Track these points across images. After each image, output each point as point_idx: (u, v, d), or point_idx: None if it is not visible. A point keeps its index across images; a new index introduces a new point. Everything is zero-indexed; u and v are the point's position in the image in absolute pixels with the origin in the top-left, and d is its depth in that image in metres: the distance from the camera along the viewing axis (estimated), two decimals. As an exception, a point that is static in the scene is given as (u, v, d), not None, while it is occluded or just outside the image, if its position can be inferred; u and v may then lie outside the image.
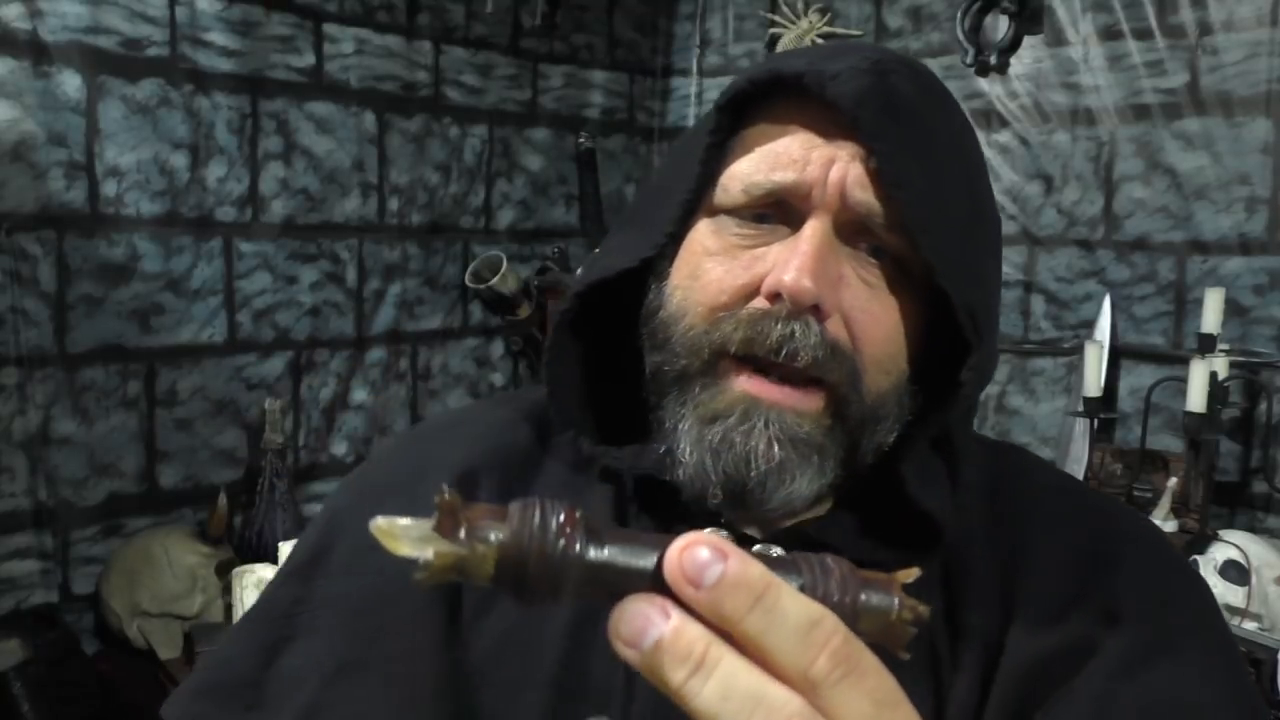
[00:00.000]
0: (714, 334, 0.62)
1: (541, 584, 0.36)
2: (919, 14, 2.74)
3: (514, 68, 2.91)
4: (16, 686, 1.88)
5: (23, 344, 2.07)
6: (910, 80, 0.64)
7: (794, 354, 0.60)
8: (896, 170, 0.60)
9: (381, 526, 0.37)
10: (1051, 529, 0.68)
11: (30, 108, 2.05)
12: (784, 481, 0.61)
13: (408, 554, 0.36)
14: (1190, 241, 2.33)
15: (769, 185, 0.62)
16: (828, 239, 0.61)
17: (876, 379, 0.62)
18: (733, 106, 0.65)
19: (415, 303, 2.76)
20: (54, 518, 2.15)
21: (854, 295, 0.62)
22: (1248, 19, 2.22)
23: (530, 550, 0.36)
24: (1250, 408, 2.25)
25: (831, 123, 0.62)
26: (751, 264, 0.63)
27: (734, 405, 0.62)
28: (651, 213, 0.68)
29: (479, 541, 0.36)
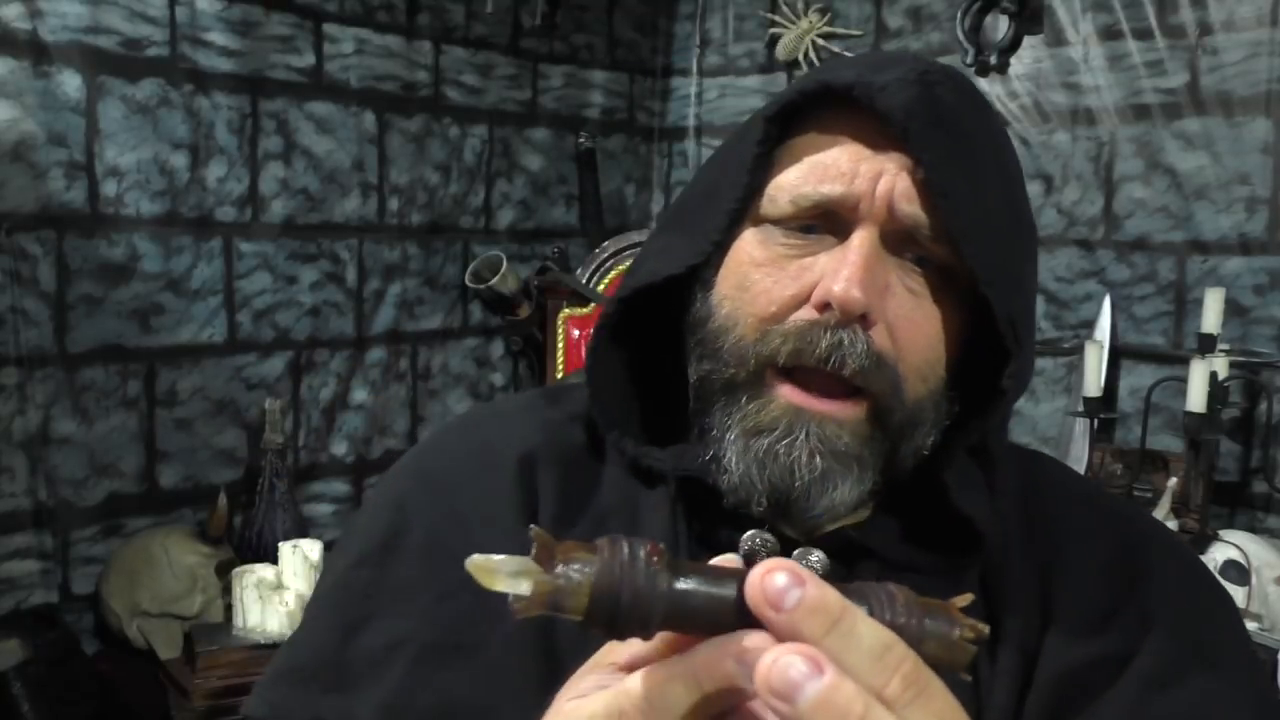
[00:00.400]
0: (763, 346, 0.64)
1: (633, 615, 0.38)
2: (919, 14, 2.74)
3: (514, 68, 2.91)
4: (16, 686, 1.88)
5: (23, 344, 2.07)
6: (954, 91, 0.65)
7: (841, 363, 0.61)
8: (943, 180, 0.61)
9: (478, 564, 0.38)
10: (1084, 539, 0.69)
11: (30, 108, 2.05)
12: (826, 490, 0.63)
13: (504, 589, 0.38)
14: (1190, 241, 2.33)
15: (817, 197, 0.63)
16: (875, 249, 0.62)
17: (915, 386, 0.64)
18: (781, 116, 0.66)
19: (415, 303, 2.76)
20: (54, 518, 2.15)
21: (899, 304, 0.63)
22: (1248, 19, 2.22)
23: (622, 583, 0.38)
24: (1250, 408, 2.25)
25: (878, 133, 0.63)
26: (800, 274, 0.64)
27: (779, 419, 0.63)
28: (697, 219, 0.68)
29: (574, 574, 0.38)
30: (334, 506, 2.62)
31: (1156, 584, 0.67)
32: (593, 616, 0.38)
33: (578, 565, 0.38)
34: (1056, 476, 0.76)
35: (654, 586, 0.38)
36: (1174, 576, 0.69)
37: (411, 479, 0.75)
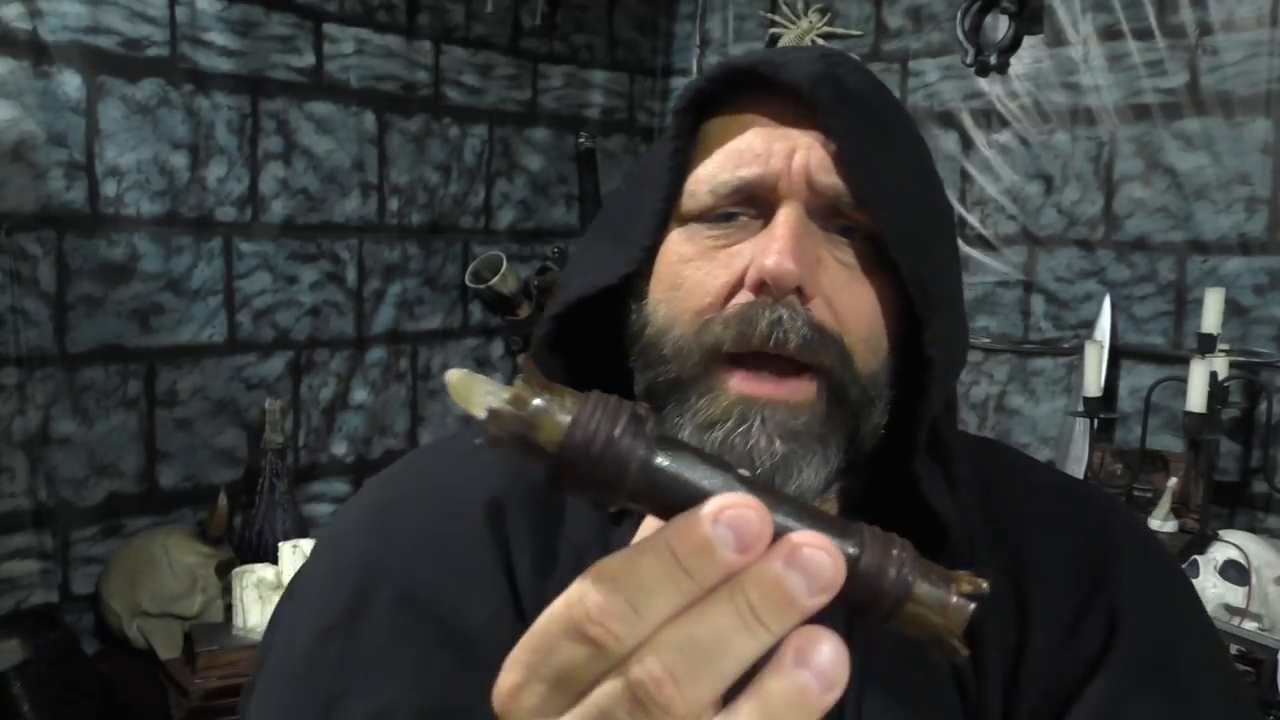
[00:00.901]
0: (704, 336, 0.62)
1: (601, 471, 0.35)
2: (919, 14, 2.74)
3: (514, 68, 2.91)
4: (16, 686, 1.88)
5: (23, 344, 2.07)
6: (856, 72, 0.66)
7: (784, 340, 0.60)
8: (854, 147, 0.62)
9: (459, 377, 0.36)
10: (1049, 531, 0.69)
11: (30, 108, 2.05)
12: (791, 475, 0.61)
13: (479, 405, 0.35)
14: (1190, 241, 2.33)
15: (735, 182, 0.63)
16: (802, 222, 0.61)
17: (866, 359, 0.63)
18: (692, 109, 0.66)
19: (415, 303, 2.76)
20: (54, 518, 2.15)
21: (833, 277, 0.62)
22: (1248, 19, 2.22)
23: (600, 430, 0.35)
24: (1250, 408, 2.25)
25: (788, 111, 0.63)
26: (730, 261, 0.63)
27: (730, 409, 0.62)
28: (625, 227, 0.67)
29: (554, 405, 0.35)
30: (334, 506, 2.62)
31: (1126, 574, 0.67)
32: (563, 455, 0.35)
33: (560, 400, 0.35)
34: (1011, 464, 0.75)
35: (632, 448, 0.35)
36: (1141, 564, 0.69)
37: (371, 535, 0.69)
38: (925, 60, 2.74)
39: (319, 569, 0.70)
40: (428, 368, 2.81)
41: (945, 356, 0.63)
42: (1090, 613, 0.65)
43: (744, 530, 0.33)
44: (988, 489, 0.70)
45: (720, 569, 0.33)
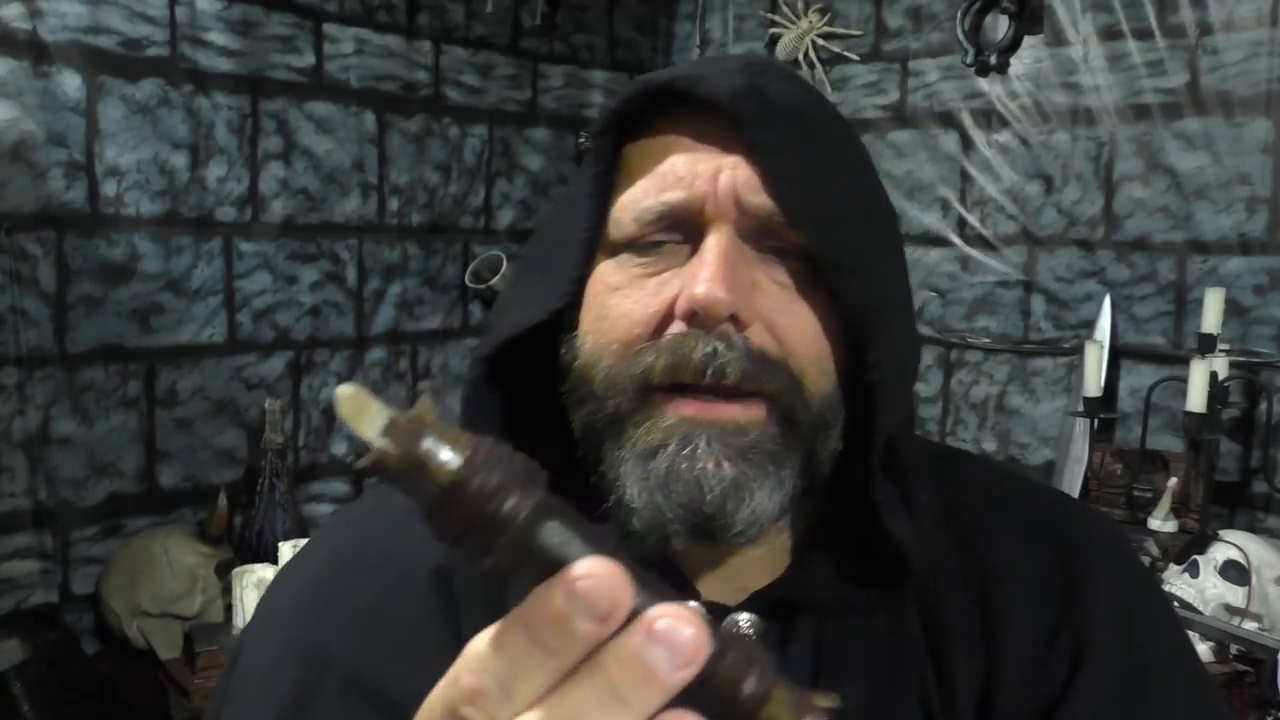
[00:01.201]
0: (635, 367, 0.58)
1: (483, 521, 0.34)
2: (919, 14, 2.74)
3: (514, 68, 2.91)
4: (16, 686, 1.88)
5: (23, 344, 2.07)
6: (783, 80, 0.62)
7: (721, 372, 0.56)
8: (782, 163, 0.58)
9: (349, 395, 0.34)
10: (1015, 551, 0.66)
11: (30, 108, 2.05)
12: (744, 499, 0.57)
13: (370, 431, 0.34)
14: (1190, 241, 2.33)
15: (659, 208, 0.59)
16: (733, 246, 0.58)
17: (818, 380, 0.59)
18: (611, 132, 0.62)
19: (415, 303, 2.76)
20: (54, 518, 2.15)
21: (771, 300, 0.59)
22: (1248, 19, 2.22)
23: (491, 478, 0.34)
24: (1250, 408, 2.25)
25: (711, 129, 0.59)
26: (659, 289, 0.59)
27: (671, 432, 0.58)
28: (552, 259, 0.64)
29: (439, 459, 0.34)
30: (334, 506, 2.62)
31: (1091, 598, 0.65)
32: (447, 497, 0.34)
33: (454, 439, 0.34)
34: (975, 479, 0.71)
35: (522, 502, 0.34)
36: (1107, 584, 0.66)
37: (311, 615, 0.64)
38: (925, 60, 2.74)
39: (263, 653, 0.65)
40: (428, 368, 2.81)
41: (892, 377, 0.60)
42: (1058, 641, 0.63)
43: (598, 600, 0.32)
44: (951, 509, 0.67)
45: (580, 642, 0.32)
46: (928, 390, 2.77)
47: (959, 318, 2.71)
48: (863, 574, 0.62)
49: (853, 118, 2.88)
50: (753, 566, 0.63)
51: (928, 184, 2.74)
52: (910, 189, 2.78)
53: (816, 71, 2.91)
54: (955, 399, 2.73)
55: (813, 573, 0.63)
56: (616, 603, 0.32)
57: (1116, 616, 0.65)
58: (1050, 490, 0.75)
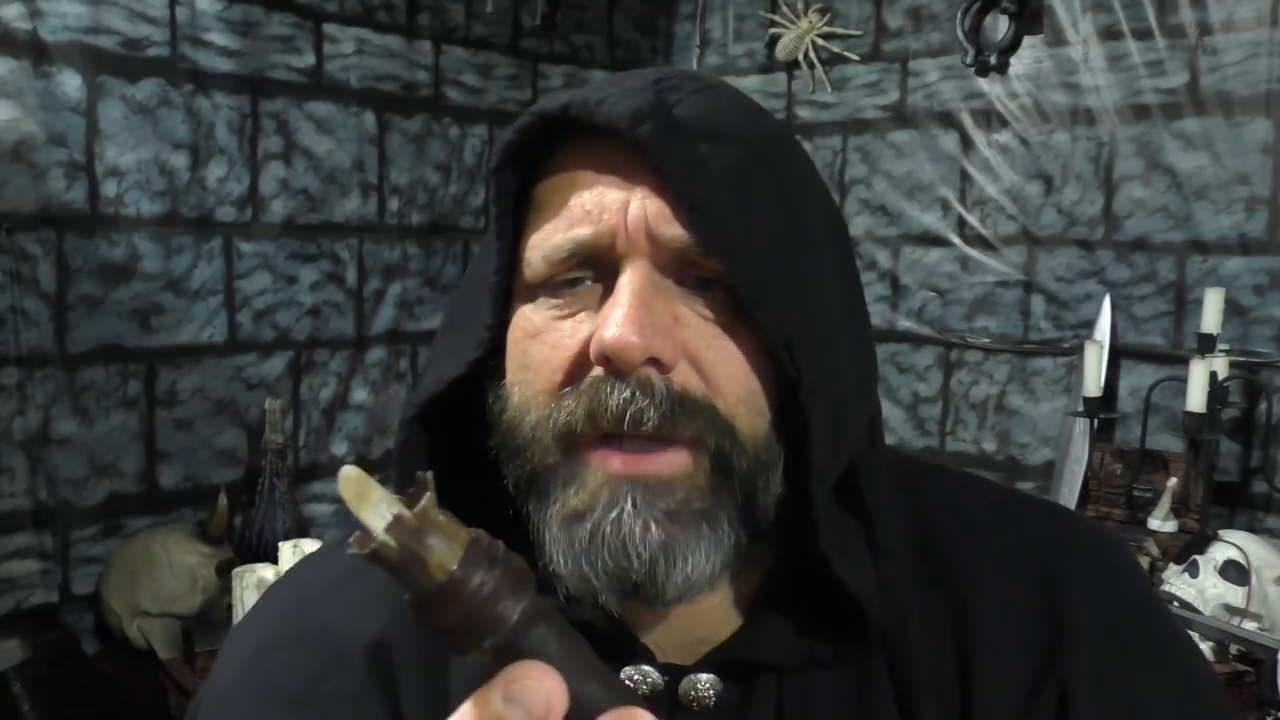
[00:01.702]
0: (557, 415, 0.55)
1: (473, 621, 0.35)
2: (919, 14, 2.75)
3: (514, 68, 2.91)
4: (16, 686, 1.88)
5: (23, 344, 2.07)
6: (697, 93, 0.57)
7: (638, 419, 0.53)
8: (689, 189, 0.53)
9: (354, 478, 0.35)
10: (995, 581, 0.62)
11: (30, 108, 2.05)
12: (675, 563, 0.53)
13: (373, 517, 0.35)
14: (1190, 241, 2.33)
15: (569, 246, 0.55)
16: (648, 282, 0.54)
17: (749, 421, 0.55)
18: (512, 166, 0.58)
19: (415, 303, 2.76)
20: (54, 518, 2.15)
21: (696, 334, 0.54)
22: (1248, 19, 2.22)
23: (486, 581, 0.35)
24: (1250, 408, 2.25)
25: (617, 155, 0.55)
26: (574, 330, 0.56)
27: (596, 494, 0.54)
28: (470, 307, 0.60)
29: (438, 556, 0.35)
30: (334, 506, 2.62)
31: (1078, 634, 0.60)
32: (442, 595, 0.35)
33: (453, 535, 0.35)
34: (952, 499, 0.66)
35: (513, 607, 0.35)
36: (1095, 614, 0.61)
37: (252, 696, 0.62)
38: (925, 60, 2.74)
39: None
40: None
41: (824, 412, 0.55)
42: (1042, 691, 0.60)
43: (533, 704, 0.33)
44: (923, 540, 0.63)
45: None
46: (927, 390, 2.77)
47: (959, 318, 2.71)
48: (824, 624, 0.59)
49: (852, 118, 2.88)
50: (708, 619, 0.60)
51: (928, 184, 2.74)
52: (910, 189, 2.78)
53: (816, 71, 2.91)
54: (955, 399, 2.73)
55: (770, 628, 0.60)
56: (551, 708, 0.33)
57: (1105, 660, 0.60)
58: (1035, 507, 0.68)
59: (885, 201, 2.81)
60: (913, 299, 2.78)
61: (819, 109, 2.95)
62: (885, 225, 2.81)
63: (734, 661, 0.60)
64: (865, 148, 2.86)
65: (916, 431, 2.78)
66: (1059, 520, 0.67)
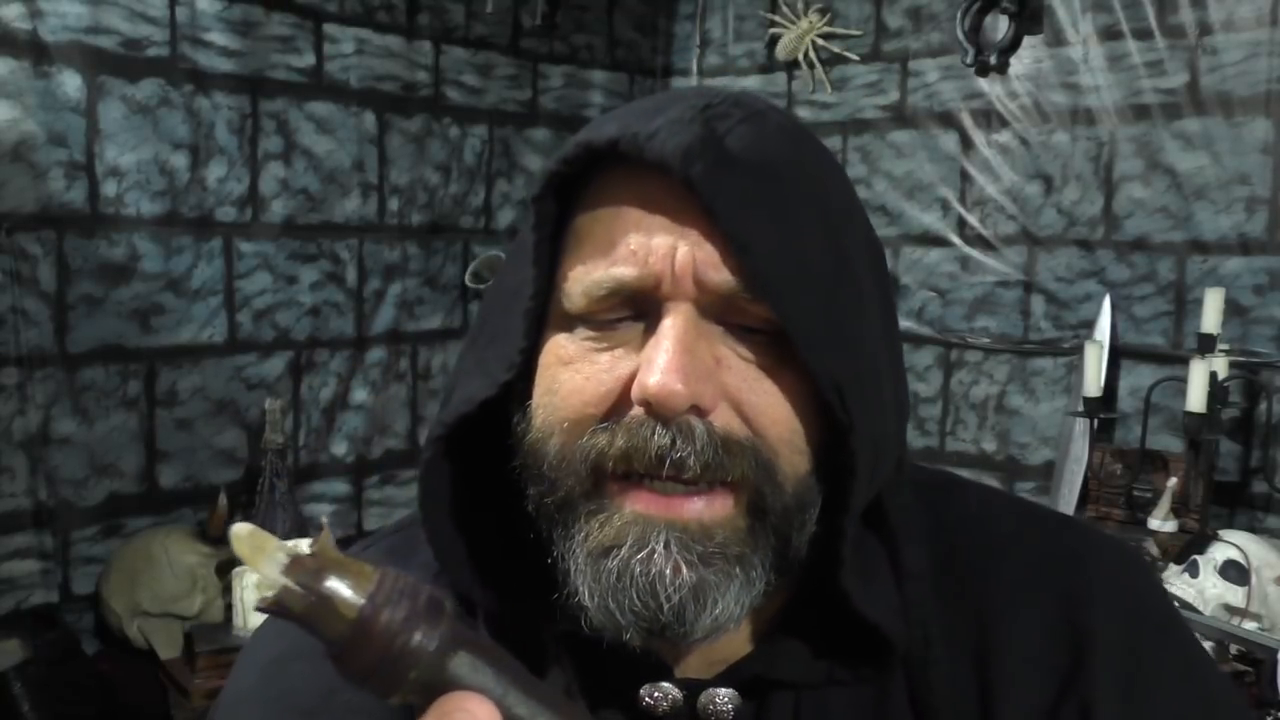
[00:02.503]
0: (587, 447, 0.54)
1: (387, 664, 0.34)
2: (919, 14, 2.75)
3: (514, 68, 2.91)
4: (16, 686, 1.88)
5: (23, 344, 2.07)
6: (746, 121, 0.56)
7: (680, 465, 0.52)
8: (742, 231, 0.53)
9: (245, 534, 0.34)
10: (1016, 600, 0.62)
11: (30, 108, 2.05)
12: (705, 606, 0.53)
13: (267, 569, 0.34)
14: (1190, 241, 2.33)
15: (610, 284, 0.54)
16: (691, 327, 0.53)
17: (792, 460, 0.54)
18: (553, 194, 0.57)
19: (415, 303, 2.76)
20: (54, 518, 2.15)
21: (738, 377, 0.54)
22: (1248, 19, 2.22)
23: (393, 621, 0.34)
24: (1250, 408, 2.25)
25: (665, 191, 0.54)
26: (613, 365, 0.55)
27: (625, 532, 0.53)
28: (502, 326, 0.59)
29: (343, 596, 0.34)
30: (334, 506, 2.62)
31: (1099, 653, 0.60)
32: (351, 641, 0.34)
33: (354, 578, 0.34)
34: (973, 517, 0.66)
35: (425, 642, 0.34)
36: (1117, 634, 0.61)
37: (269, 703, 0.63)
38: (925, 60, 2.74)
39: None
40: (428, 368, 2.81)
41: (870, 452, 0.55)
42: (1064, 707, 0.59)
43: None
44: (944, 560, 0.62)
45: None
46: (927, 390, 2.77)
47: (959, 318, 2.71)
48: (844, 647, 0.59)
49: (852, 118, 2.88)
50: (727, 640, 0.59)
51: (928, 184, 2.74)
52: (910, 189, 2.78)
53: (816, 71, 2.91)
54: (955, 399, 2.73)
55: (789, 648, 0.60)
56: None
57: (1126, 682, 0.60)
58: (1057, 524, 0.68)
59: (885, 201, 2.81)
60: (913, 299, 2.78)
61: (819, 109, 2.95)
62: (885, 225, 2.81)
63: (752, 678, 0.59)
64: (865, 148, 2.86)
65: (916, 431, 2.78)
66: (1081, 537, 0.66)
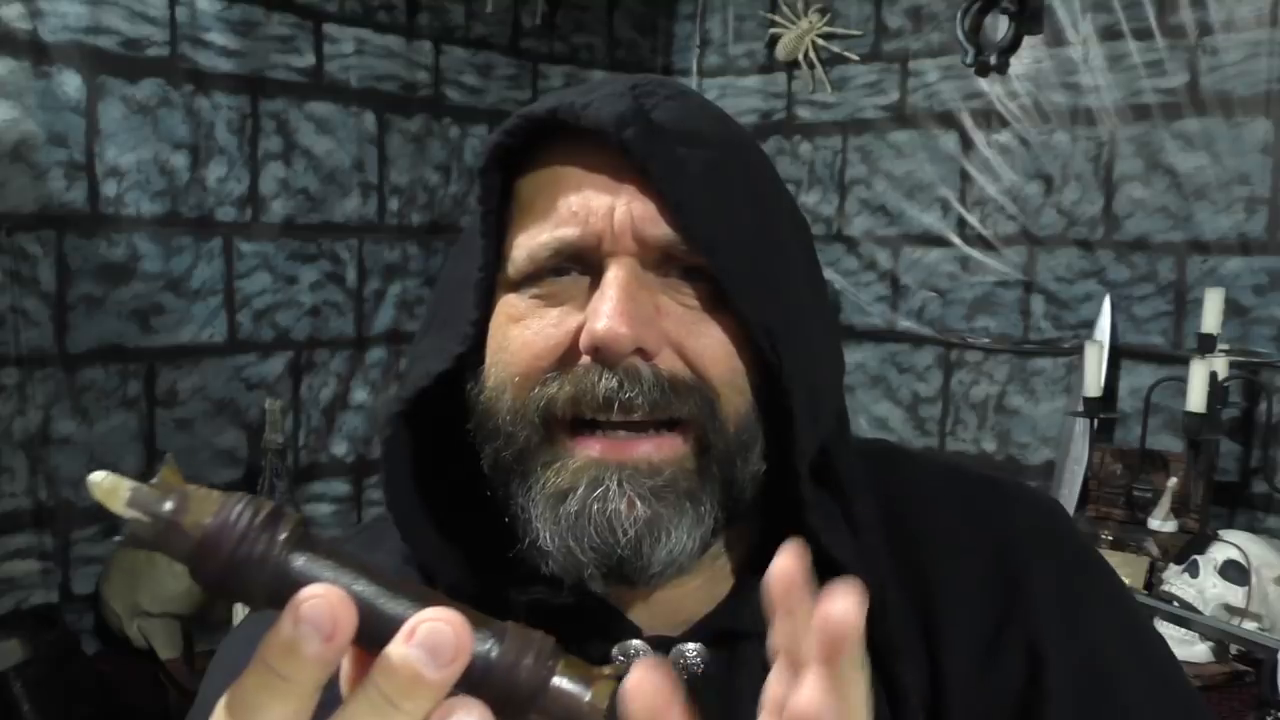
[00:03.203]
0: (539, 396, 0.58)
1: (236, 571, 0.36)
2: (919, 14, 2.74)
3: (514, 68, 2.91)
4: (16, 686, 1.88)
5: (23, 344, 2.07)
6: (671, 98, 0.60)
7: (627, 406, 0.56)
8: (675, 189, 0.57)
9: (101, 484, 0.36)
10: (953, 551, 0.66)
11: (30, 108, 2.05)
12: (659, 539, 0.56)
13: (121, 505, 0.36)
14: (1190, 241, 2.33)
15: (554, 244, 0.58)
16: (633, 277, 0.57)
17: (732, 401, 0.58)
18: (496, 166, 0.61)
19: (415, 303, 2.76)
20: (54, 518, 2.15)
21: (678, 322, 0.58)
22: (1248, 19, 2.22)
23: (236, 529, 0.36)
24: (1250, 408, 2.25)
25: (601, 158, 0.58)
26: (561, 320, 0.58)
27: (580, 475, 0.57)
28: (453, 303, 0.62)
29: (189, 517, 0.36)
30: (334, 506, 2.62)
31: (1036, 595, 0.65)
32: (198, 552, 0.36)
33: (200, 499, 0.36)
34: (910, 477, 0.71)
35: (269, 547, 0.36)
36: (1051, 576, 0.66)
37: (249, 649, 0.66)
38: (925, 60, 2.74)
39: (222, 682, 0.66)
40: (428, 368, 2.81)
41: (804, 395, 0.58)
42: (1006, 641, 0.63)
43: (320, 620, 0.33)
44: (890, 514, 0.66)
45: (312, 665, 0.33)
46: (927, 390, 2.77)
47: (959, 318, 2.71)
48: None
49: (852, 118, 2.88)
50: (692, 596, 0.62)
51: (928, 184, 2.74)
52: (910, 189, 2.78)
53: (816, 71, 2.91)
54: (955, 399, 2.73)
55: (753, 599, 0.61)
56: (339, 619, 0.33)
57: (1065, 614, 0.64)
58: (983, 478, 0.73)
59: (885, 201, 2.81)
60: (913, 299, 2.78)
61: (819, 109, 2.95)
62: (885, 225, 2.81)
63: (719, 631, 0.62)
64: (865, 148, 2.86)
65: (916, 431, 2.78)
66: (1004, 491, 0.72)
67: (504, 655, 0.36)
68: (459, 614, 0.35)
